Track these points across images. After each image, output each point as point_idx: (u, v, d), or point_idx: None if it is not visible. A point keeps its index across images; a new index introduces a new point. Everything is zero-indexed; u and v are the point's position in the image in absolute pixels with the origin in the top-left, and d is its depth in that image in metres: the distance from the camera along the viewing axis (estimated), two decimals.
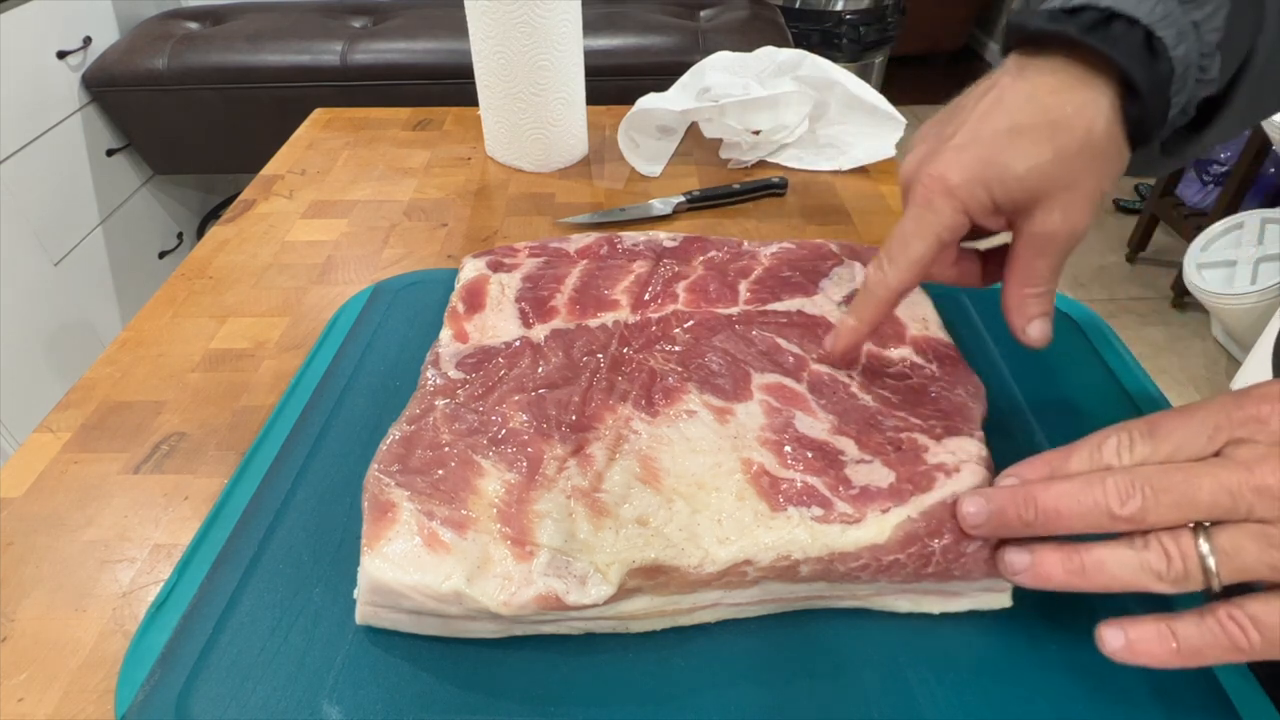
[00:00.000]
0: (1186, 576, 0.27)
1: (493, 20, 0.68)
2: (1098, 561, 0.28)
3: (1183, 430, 0.28)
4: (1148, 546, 0.27)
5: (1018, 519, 0.30)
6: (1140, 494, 0.27)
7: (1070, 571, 0.28)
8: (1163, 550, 0.27)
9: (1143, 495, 0.27)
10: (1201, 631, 0.26)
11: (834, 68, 0.75)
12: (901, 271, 0.35)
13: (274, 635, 0.34)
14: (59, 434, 0.48)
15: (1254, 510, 0.26)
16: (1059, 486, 0.29)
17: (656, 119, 0.76)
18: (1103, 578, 0.28)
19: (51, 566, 0.40)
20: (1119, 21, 0.32)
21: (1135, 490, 0.27)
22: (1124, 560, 0.27)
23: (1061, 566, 0.29)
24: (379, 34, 1.58)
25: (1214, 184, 2.07)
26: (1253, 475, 0.26)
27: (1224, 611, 0.26)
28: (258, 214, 0.70)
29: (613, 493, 0.34)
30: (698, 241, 0.51)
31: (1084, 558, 0.28)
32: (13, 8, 1.38)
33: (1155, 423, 0.29)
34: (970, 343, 0.48)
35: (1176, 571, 0.27)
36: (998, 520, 0.30)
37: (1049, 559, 0.29)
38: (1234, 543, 0.26)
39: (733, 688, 0.32)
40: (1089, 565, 0.28)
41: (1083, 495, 0.28)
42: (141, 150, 1.71)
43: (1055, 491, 0.29)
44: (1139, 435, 0.29)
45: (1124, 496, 0.27)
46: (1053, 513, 0.29)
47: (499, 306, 0.46)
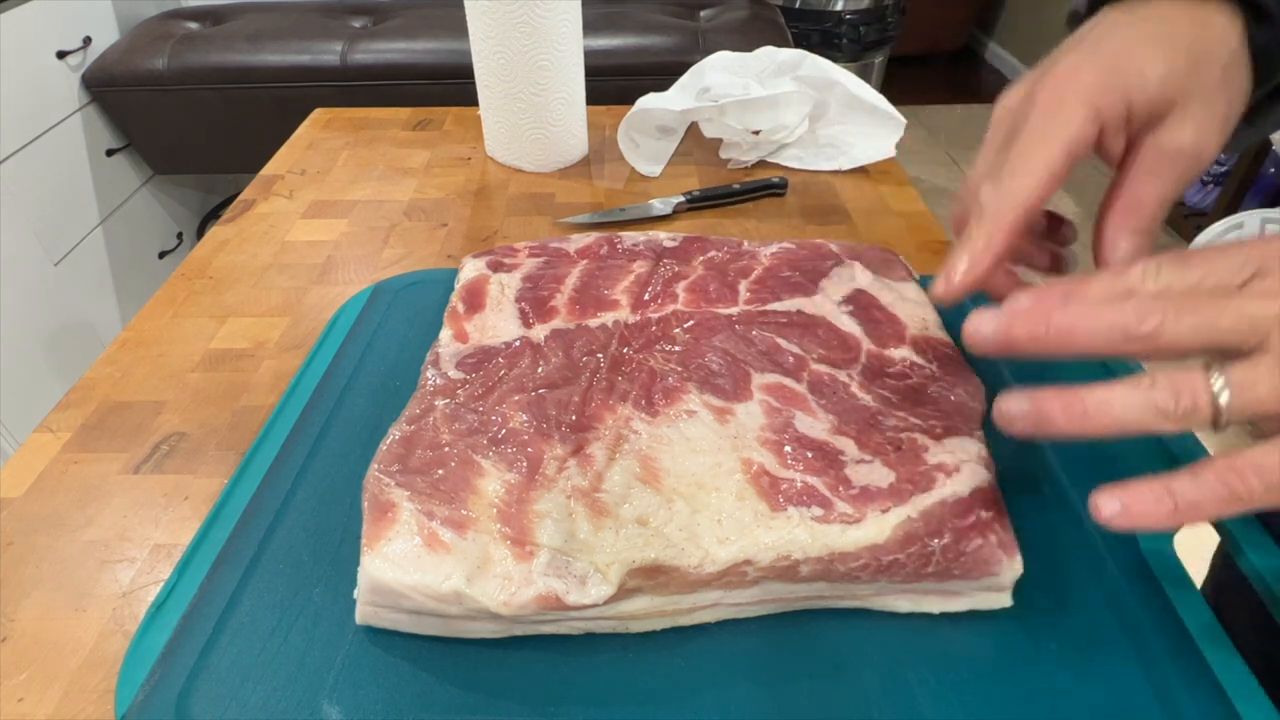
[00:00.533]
0: (1195, 411, 0.25)
1: (493, 20, 0.68)
2: (1102, 402, 0.26)
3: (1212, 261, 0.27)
4: (1155, 385, 0.26)
5: (1027, 335, 0.27)
6: (1160, 313, 0.26)
7: (1072, 416, 0.27)
8: (1171, 387, 0.25)
9: (1163, 314, 0.26)
10: (1199, 485, 0.25)
11: (834, 68, 0.75)
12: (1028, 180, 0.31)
13: (274, 635, 0.34)
14: (59, 434, 0.48)
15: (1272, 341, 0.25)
16: (1076, 305, 0.27)
17: (656, 119, 0.76)
18: (1106, 419, 0.26)
19: (51, 566, 0.40)
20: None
21: (1155, 308, 0.26)
22: (1130, 399, 0.26)
23: (1063, 411, 0.27)
24: (379, 34, 1.58)
25: (1214, 184, 2.07)
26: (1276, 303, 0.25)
27: (1222, 463, 0.25)
28: (258, 214, 0.70)
29: (613, 493, 0.34)
30: (698, 241, 0.51)
31: (1086, 400, 0.26)
32: (13, 8, 1.38)
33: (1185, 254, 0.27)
34: None
35: (1185, 407, 0.25)
36: (1005, 335, 0.28)
37: (1049, 403, 0.27)
38: (1248, 376, 0.25)
39: (733, 688, 0.32)
40: (1092, 407, 0.26)
41: (1101, 312, 0.26)
42: (141, 150, 1.71)
43: (1072, 310, 0.27)
44: (1168, 264, 0.27)
45: (1143, 315, 0.26)
46: (1066, 329, 0.27)
47: (499, 306, 0.46)
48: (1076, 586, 0.35)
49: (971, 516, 0.33)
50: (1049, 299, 0.28)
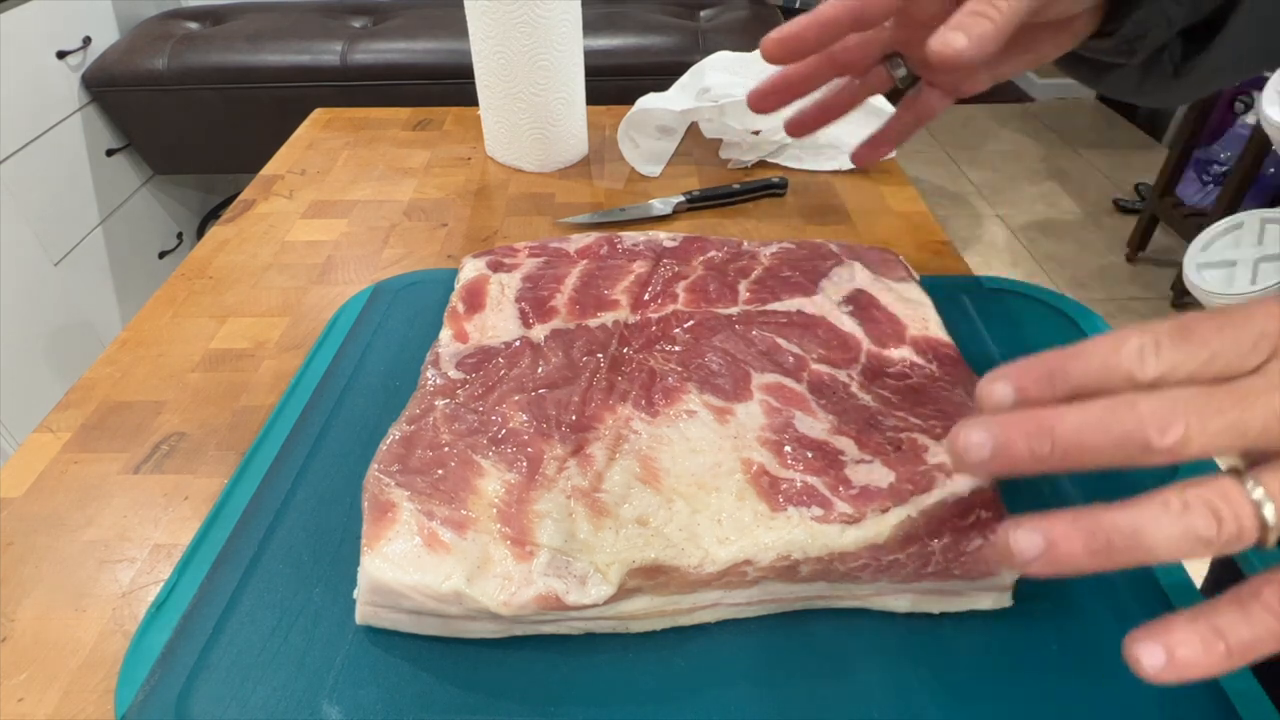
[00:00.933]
0: (1240, 536, 0.22)
1: (493, 20, 0.68)
2: (1131, 534, 0.22)
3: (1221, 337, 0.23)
4: (1188, 507, 0.22)
5: (1028, 454, 0.23)
6: (1183, 419, 0.22)
7: (1095, 551, 0.22)
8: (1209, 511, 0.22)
9: (1186, 421, 0.22)
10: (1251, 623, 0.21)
11: None
12: None
13: (274, 635, 0.34)
14: (59, 434, 0.48)
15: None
16: (1079, 414, 0.23)
17: (656, 119, 0.76)
18: (1137, 552, 0.22)
19: (51, 566, 0.40)
20: None
21: (1177, 416, 0.22)
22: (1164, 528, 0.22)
23: (1084, 546, 0.22)
24: (379, 34, 1.58)
25: (1214, 184, 2.07)
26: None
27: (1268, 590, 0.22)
28: (258, 214, 0.70)
29: (613, 493, 0.34)
30: (698, 241, 0.51)
31: (1110, 533, 0.22)
32: (13, 8, 1.38)
33: (1187, 327, 0.24)
34: (971, 342, 0.48)
35: (1230, 532, 0.22)
36: (1003, 456, 0.23)
37: (1067, 538, 0.22)
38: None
39: (733, 688, 0.32)
40: (1118, 541, 0.22)
41: (1111, 423, 0.22)
42: (141, 150, 1.71)
43: (1076, 420, 0.23)
44: (1168, 340, 0.23)
45: (1164, 424, 0.22)
46: (1074, 446, 0.23)
47: (499, 306, 0.46)
48: (1076, 586, 0.35)
49: (971, 516, 0.33)
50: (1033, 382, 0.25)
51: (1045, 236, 2.39)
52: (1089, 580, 0.36)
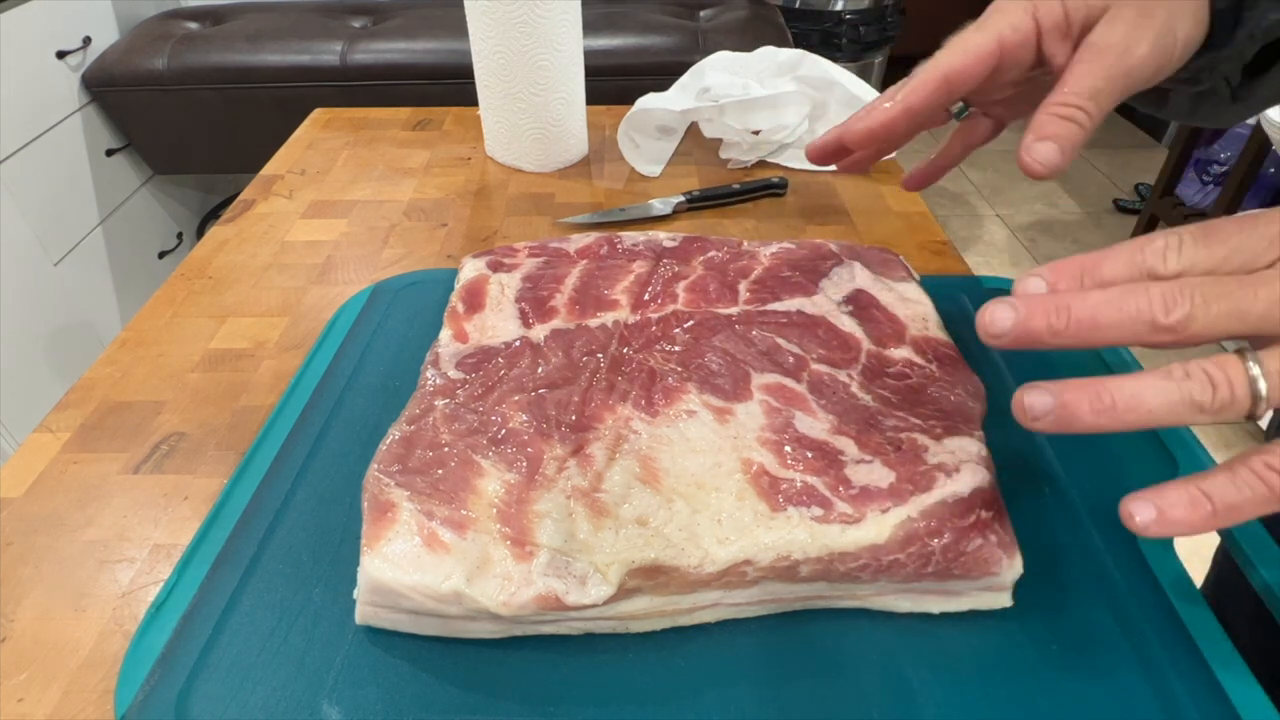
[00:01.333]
0: (1232, 403, 0.24)
1: (493, 20, 0.68)
2: (1132, 395, 0.25)
3: (1240, 236, 0.26)
4: (1189, 375, 0.24)
5: (1046, 328, 0.26)
6: (1189, 300, 0.24)
7: (1099, 410, 0.25)
8: (1205, 375, 0.24)
9: (1191, 302, 0.24)
10: (1238, 486, 0.24)
11: (834, 68, 0.75)
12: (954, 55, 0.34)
13: (274, 635, 0.34)
14: (59, 434, 0.48)
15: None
16: (1096, 294, 0.26)
17: (656, 119, 0.76)
18: (1137, 414, 0.25)
19: (51, 566, 0.40)
20: None
21: (1183, 296, 0.25)
22: (1163, 391, 0.24)
23: (1089, 405, 0.25)
24: (379, 34, 1.58)
25: (1214, 184, 2.07)
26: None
27: (1258, 461, 0.24)
28: (257, 214, 0.70)
29: (612, 493, 0.34)
30: (698, 241, 0.51)
31: (1114, 393, 0.25)
32: (12, 8, 1.38)
33: (1210, 227, 0.26)
34: (970, 343, 0.48)
35: (1223, 398, 0.24)
36: (1023, 328, 0.26)
37: (1074, 397, 0.25)
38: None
39: (733, 688, 0.32)
40: (1121, 401, 0.25)
41: (1124, 302, 0.25)
42: (141, 150, 1.71)
43: (1093, 299, 0.25)
44: (1190, 239, 0.26)
45: (1170, 304, 0.25)
46: (1088, 321, 0.25)
47: (499, 306, 0.46)
48: (1076, 586, 0.35)
49: (971, 516, 0.33)
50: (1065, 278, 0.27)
51: (1045, 236, 2.39)
52: (1089, 581, 0.36)
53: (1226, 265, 0.26)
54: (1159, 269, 0.26)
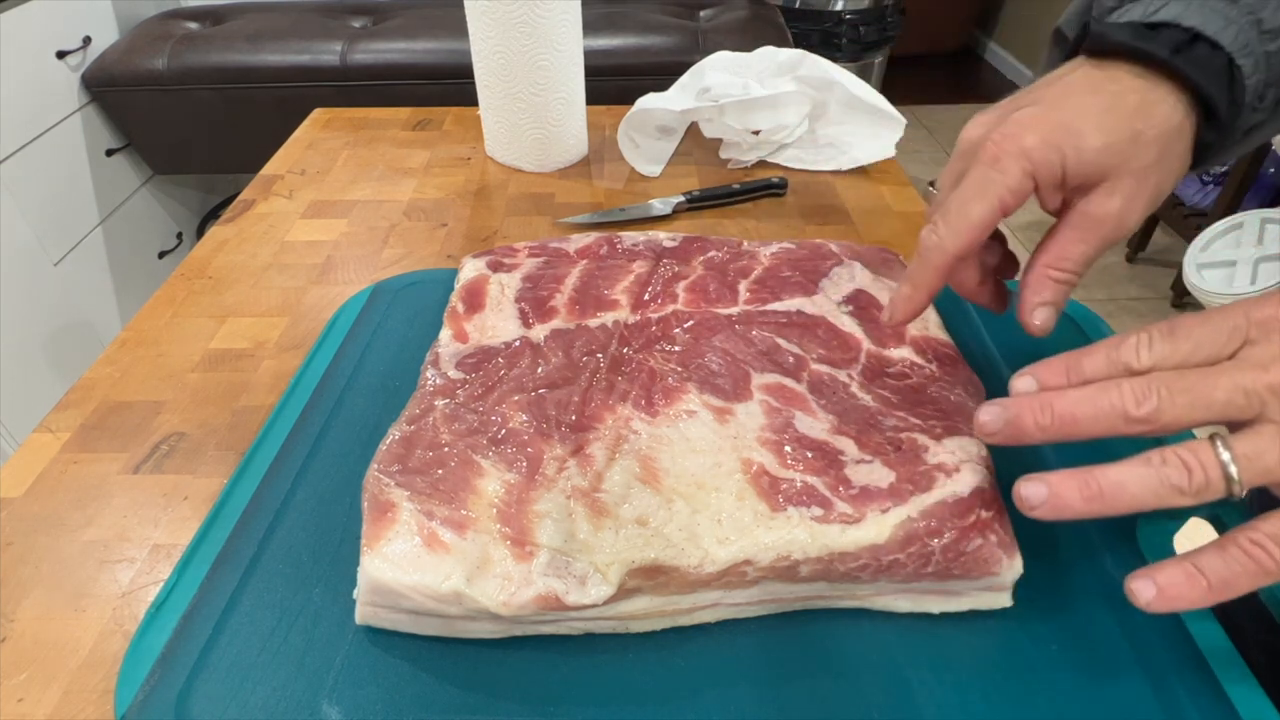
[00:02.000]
0: (1208, 486, 0.26)
1: (493, 20, 0.68)
2: (1116, 483, 0.27)
3: (1201, 330, 0.28)
4: (1166, 462, 0.27)
5: (1033, 425, 0.29)
6: (1155, 395, 0.27)
7: (1089, 498, 0.27)
8: (1182, 463, 0.26)
9: (1158, 396, 0.27)
10: (1227, 562, 0.26)
11: (834, 68, 0.75)
12: (959, 234, 0.34)
13: (274, 635, 0.34)
14: (59, 434, 0.48)
15: (1269, 410, 0.26)
16: (1075, 393, 0.29)
17: (656, 119, 0.76)
18: (1123, 500, 0.27)
19: (51, 566, 0.40)
20: (1202, 44, 0.33)
21: (1151, 392, 0.27)
22: (1143, 478, 0.27)
23: (1079, 493, 0.28)
24: (379, 34, 1.58)
25: (1214, 184, 2.07)
26: (1268, 374, 0.26)
27: (1243, 538, 0.26)
28: (257, 214, 0.70)
29: (612, 493, 0.34)
30: (697, 241, 0.51)
31: (1100, 481, 0.27)
32: (12, 8, 1.38)
33: (1175, 324, 0.29)
34: (970, 343, 0.48)
35: (1199, 483, 0.26)
36: (1014, 427, 0.29)
37: (1065, 487, 0.28)
38: (1253, 447, 0.26)
39: (733, 688, 0.32)
40: (1107, 488, 0.27)
41: (1099, 399, 0.28)
42: (141, 150, 1.71)
43: (1071, 397, 0.28)
44: (1158, 335, 0.29)
45: (1140, 398, 0.27)
46: (1069, 418, 0.28)
47: (499, 306, 0.46)
48: (1076, 586, 0.35)
49: (971, 516, 0.33)
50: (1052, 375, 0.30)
51: None
52: (1089, 581, 0.36)
53: (1194, 357, 0.28)
54: (1133, 364, 0.29)
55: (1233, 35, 0.32)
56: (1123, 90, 0.33)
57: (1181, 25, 0.33)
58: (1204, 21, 0.33)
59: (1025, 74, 3.19)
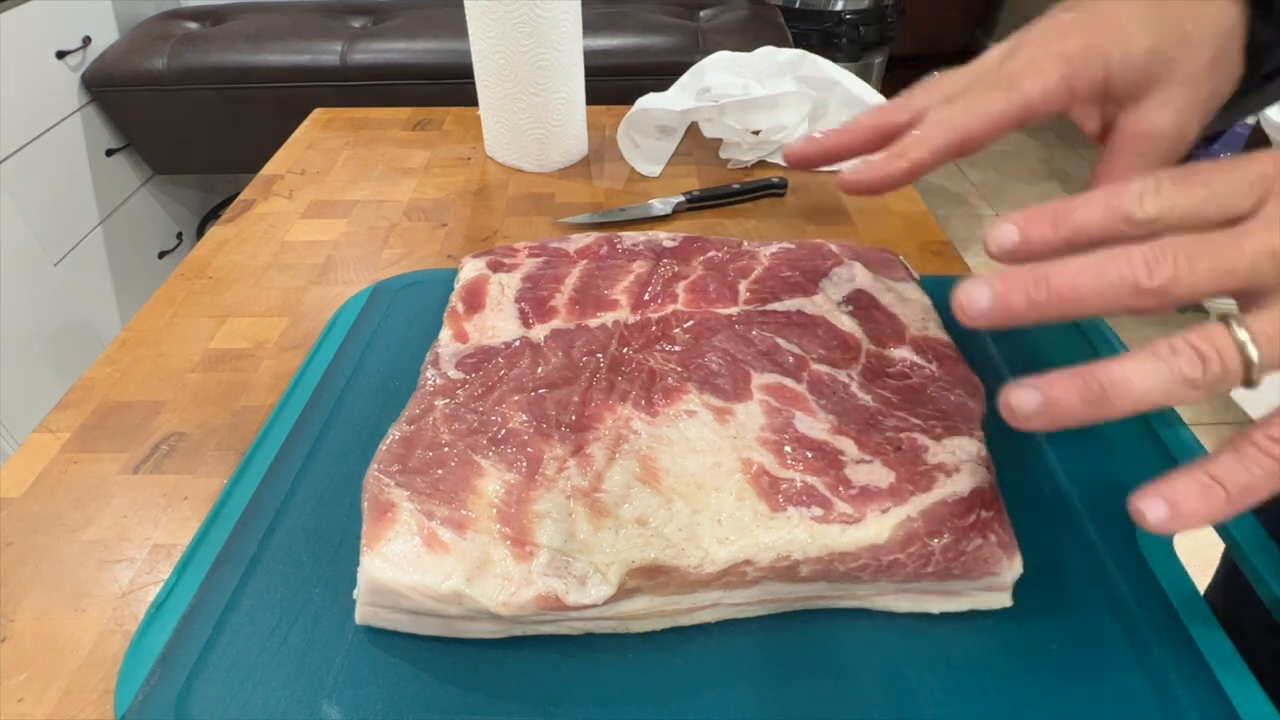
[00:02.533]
0: (1225, 374, 0.23)
1: (493, 20, 0.68)
2: (1120, 380, 0.23)
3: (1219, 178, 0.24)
4: (1175, 351, 0.23)
5: (1026, 303, 0.25)
6: (1172, 260, 0.23)
7: (1090, 400, 0.23)
8: (1195, 351, 0.23)
9: (1174, 262, 0.23)
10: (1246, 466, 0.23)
11: (834, 68, 0.75)
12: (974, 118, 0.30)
13: (274, 635, 0.34)
14: (58, 434, 0.48)
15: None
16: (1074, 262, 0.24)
17: (656, 119, 0.76)
18: (1129, 399, 0.23)
19: (51, 566, 0.40)
20: None
21: (1166, 257, 0.23)
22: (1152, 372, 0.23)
23: (1079, 395, 0.24)
24: (379, 34, 1.58)
25: None
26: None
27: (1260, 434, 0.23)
28: (257, 214, 0.70)
29: (612, 493, 0.34)
30: (697, 241, 0.51)
31: (1102, 380, 0.23)
32: (12, 8, 1.38)
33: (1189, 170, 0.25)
34: (970, 343, 0.48)
35: (1215, 372, 0.23)
36: (1002, 305, 0.25)
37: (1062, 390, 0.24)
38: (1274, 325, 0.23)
39: (733, 688, 0.32)
40: (1111, 388, 0.23)
41: (1105, 268, 0.24)
42: (141, 150, 1.71)
43: (1073, 268, 0.24)
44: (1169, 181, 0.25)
45: (1152, 265, 0.23)
46: (1069, 292, 0.24)
47: (499, 306, 0.46)
48: (1076, 586, 0.35)
49: (971, 516, 0.33)
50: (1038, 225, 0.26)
51: None
52: (1089, 581, 0.36)
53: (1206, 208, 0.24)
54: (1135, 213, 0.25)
55: None
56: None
57: None
58: None
59: None
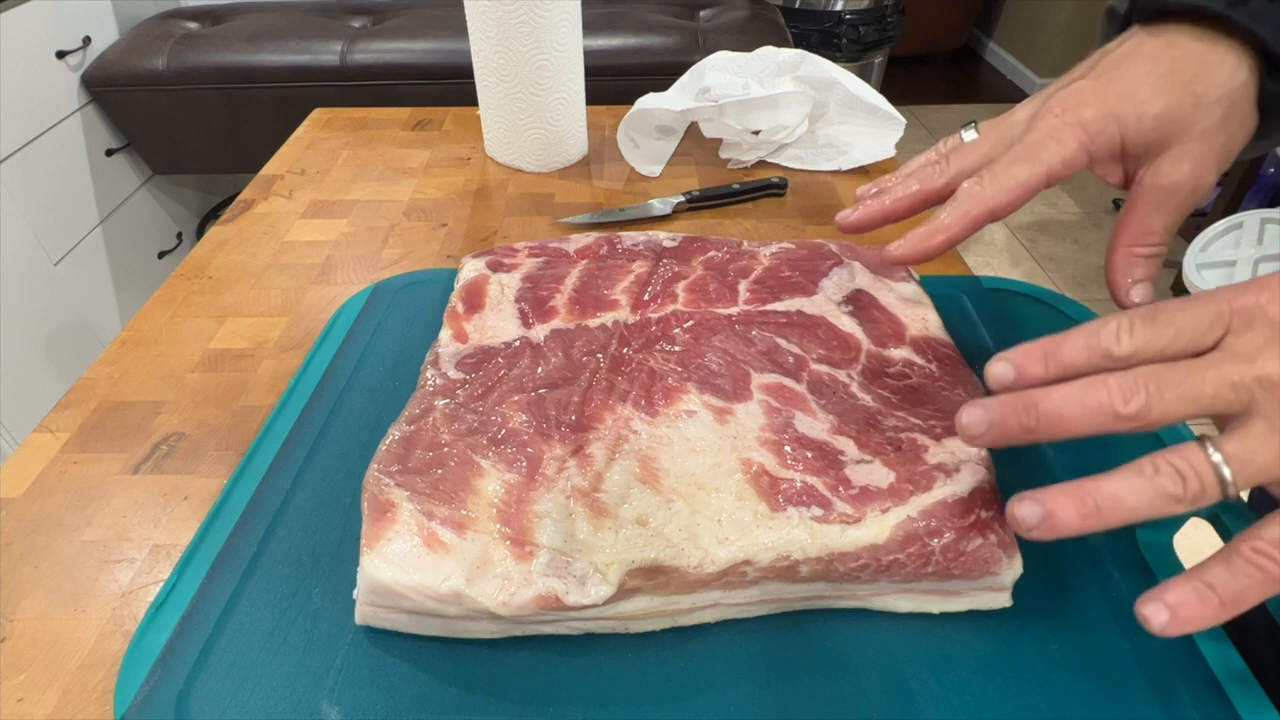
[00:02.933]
0: (1204, 492, 0.26)
1: (492, 20, 0.68)
2: (1111, 497, 0.26)
3: (1183, 316, 0.28)
4: (1159, 471, 0.26)
5: (1019, 426, 0.28)
6: (1144, 390, 0.26)
7: (1085, 514, 0.27)
8: (1174, 470, 0.26)
9: (1146, 391, 0.26)
10: (1235, 575, 0.25)
11: (834, 68, 0.75)
12: (1001, 191, 0.34)
13: (273, 635, 0.34)
14: (58, 434, 0.48)
15: (1258, 404, 0.26)
16: (1060, 390, 0.28)
17: (656, 119, 0.76)
18: (1120, 513, 0.26)
19: (51, 567, 0.40)
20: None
21: (1139, 387, 0.26)
22: (1138, 489, 0.26)
23: (1075, 510, 0.27)
24: (378, 34, 1.58)
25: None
26: (1255, 366, 0.26)
27: (1247, 547, 0.25)
28: (257, 214, 0.70)
29: (612, 493, 0.34)
30: (697, 241, 0.51)
31: (1096, 496, 0.26)
32: (12, 8, 1.38)
33: (1156, 309, 0.28)
34: (970, 343, 0.48)
35: (1194, 490, 0.26)
36: (998, 429, 0.28)
37: (1061, 505, 0.27)
38: (1244, 446, 0.25)
39: (733, 688, 0.32)
40: (1103, 503, 0.26)
41: (1086, 397, 0.27)
42: (141, 150, 1.71)
43: (1057, 396, 0.28)
44: (1139, 320, 0.28)
45: (1127, 395, 0.26)
46: (1055, 417, 0.27)
47: (498, 306, 0.46)
48: (1076, 586, 0.35)
49: (971, 516, 0.33)
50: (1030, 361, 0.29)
51: (1045, 236, 2.39)
52: (1089, 581, 0.36)
53: (1175, 344, 0.27)
54: (1113, 350, 0.28)
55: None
56: (1180, 55, 0.33)
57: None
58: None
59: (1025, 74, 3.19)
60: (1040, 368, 0.29)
